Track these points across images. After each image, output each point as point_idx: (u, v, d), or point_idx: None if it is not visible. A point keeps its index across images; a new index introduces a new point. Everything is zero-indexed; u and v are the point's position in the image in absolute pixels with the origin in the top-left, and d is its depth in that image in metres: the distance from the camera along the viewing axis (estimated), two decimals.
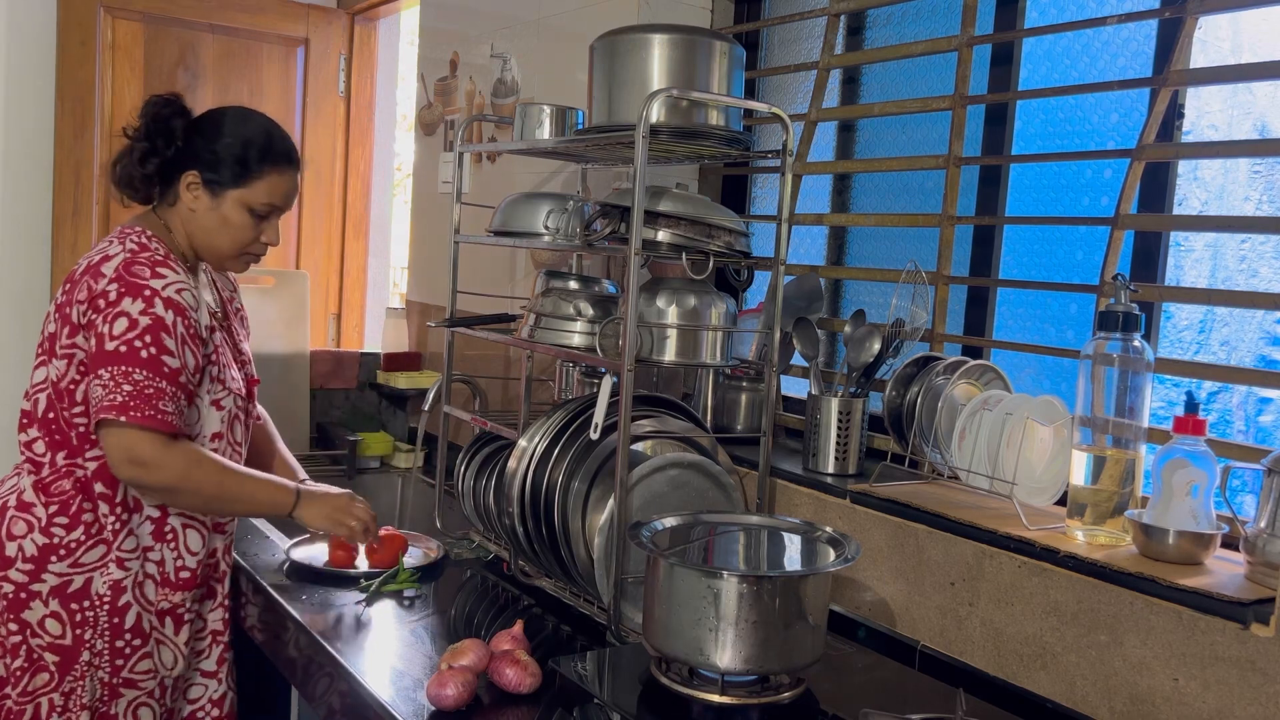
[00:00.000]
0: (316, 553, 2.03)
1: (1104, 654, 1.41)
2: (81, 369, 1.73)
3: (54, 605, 1.73)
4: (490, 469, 2.06)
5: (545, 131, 2.00)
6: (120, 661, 1.77)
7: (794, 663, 1.41)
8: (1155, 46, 1.68)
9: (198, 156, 1.79)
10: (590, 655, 1.58)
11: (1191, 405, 1.41)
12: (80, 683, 1.74)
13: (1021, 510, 1.56)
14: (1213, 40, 1.68)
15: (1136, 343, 1.47)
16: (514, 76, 2.70)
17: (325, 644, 1.64)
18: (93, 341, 1.68)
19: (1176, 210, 1.67)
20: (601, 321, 1.78)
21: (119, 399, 1.65)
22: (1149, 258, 1.67)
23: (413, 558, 2.06)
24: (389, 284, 3.87)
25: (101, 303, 1.68)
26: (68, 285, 1.75)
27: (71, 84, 3.11)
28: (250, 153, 1.80)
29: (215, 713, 1.89)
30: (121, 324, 1.67)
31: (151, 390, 1.67)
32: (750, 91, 2.42)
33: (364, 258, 3.68)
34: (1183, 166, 1.67)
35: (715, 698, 1.40)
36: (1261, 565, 1.32)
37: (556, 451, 1.78)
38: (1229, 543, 1.43)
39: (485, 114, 2.78)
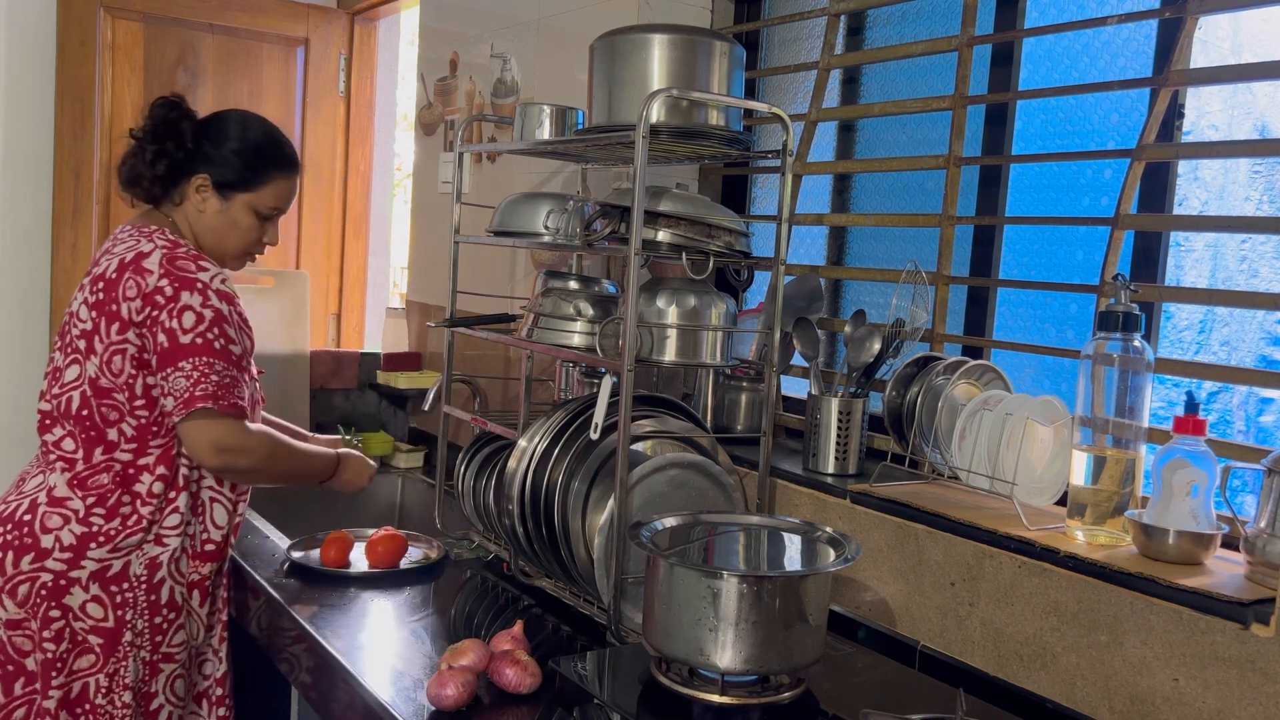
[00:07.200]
0: (316, 553, 2.04)
1: (1104, 654, 1.41)
2: (136, 364, 1.75)
3: (94, 590, 1.77)
4: (490, 469, 2.06)
5: (545, 131, 2.00)
6: (159, 638, 1.83)
7: (794, 663, 1.41)
8: (1155, 46, 1.68)
9: (208, 159, 1.85)
10: (590, 655, 1.58)
11: (1191, 405, 1.41)
12: (124, 664, 1.79)
13: (1021, 510, 1.56)
14: (1213, 40, 1.68)
15: (1136, 343, 1.47)
16: (514, 76, 2.70)
17: (325, 644, 1.64)
18: (161, 337, 1.73)
19: (1176, 210, 1.67)
20: (601, 321, 1.78)
21: (209, 388, 1.73)
22: (1149, 258, 1.67)
23: (412, 558, 2.07)
24: (389, 284, 3.86)
25: (160, 299, 1.73)
26: (101, 284, 1.77)
27: (71, 84, 3.10)
28: (259, 158, 1.87)
29: (219, 691, 1.94)
30: (189, 318, 1.73)
31: (229, 380, 1.76)
32: (750, 91, 2.42)
33: (364, 258, 3.68)
34: (1183, 166, 1.67)
35: (715, 698, 1.40)
36: (1261, 565, 1.32)
37: (556, 451, 1.78)
38: (1229, 543, 1.43)
39: (485, 114, 2.78)
